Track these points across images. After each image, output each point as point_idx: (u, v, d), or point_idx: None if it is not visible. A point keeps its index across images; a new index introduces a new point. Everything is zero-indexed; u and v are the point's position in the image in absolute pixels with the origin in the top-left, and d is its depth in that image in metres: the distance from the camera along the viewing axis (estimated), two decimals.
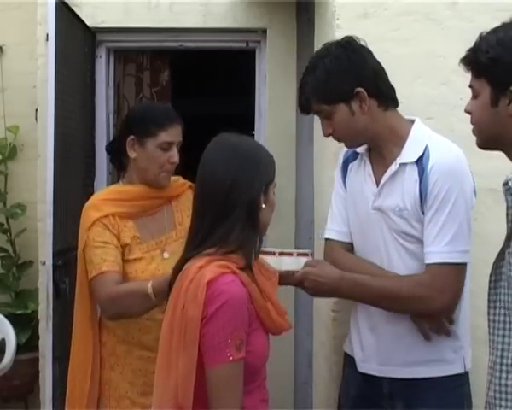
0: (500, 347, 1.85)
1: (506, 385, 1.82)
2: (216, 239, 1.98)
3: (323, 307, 3.06)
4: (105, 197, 2.70)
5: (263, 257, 2.31)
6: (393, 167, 2.41)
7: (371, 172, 2.50)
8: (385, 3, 2.98)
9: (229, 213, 1.98)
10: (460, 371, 2.46)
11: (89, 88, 4.21)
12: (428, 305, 2.35)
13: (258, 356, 2.00)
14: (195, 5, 4.12)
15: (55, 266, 3.52)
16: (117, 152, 2.75)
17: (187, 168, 2.91)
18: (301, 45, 4.06)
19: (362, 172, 2.54)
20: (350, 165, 2.60)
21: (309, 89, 2.42)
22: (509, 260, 1.81)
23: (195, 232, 2.04)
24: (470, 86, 1.97)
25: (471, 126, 2.16)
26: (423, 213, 2.35)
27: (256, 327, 1.98)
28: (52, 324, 3.49)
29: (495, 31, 1.90)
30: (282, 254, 2.41)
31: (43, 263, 3.64)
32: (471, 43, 2.88)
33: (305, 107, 2.48)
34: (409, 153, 2.39)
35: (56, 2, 3.54)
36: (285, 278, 2.35)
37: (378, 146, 2.47)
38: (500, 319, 1.87)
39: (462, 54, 2.65)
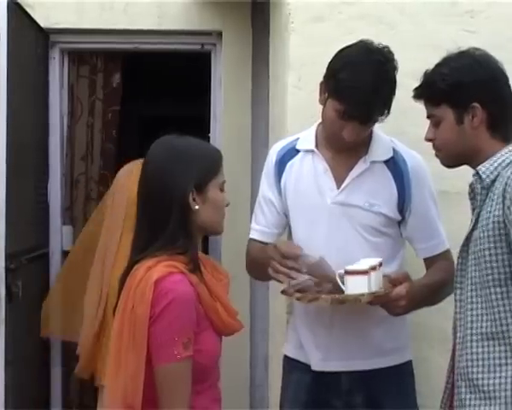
0: (469, 319, 2.03)
1: (477, 353, 2.00)
2: (161, 243, 2.00)
3: (278, 308, 3.08)
4: None
5: (351, 278, 2.28)
6: (363, 165, 2.52)
7: (327, 167, 2.54)
8: (339, 7, 3.01)
9: (167, 215, 2.00)
10: (411, 357, 2.62)
11: (42, 89, 4.16)
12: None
13: (208, 356, 2.01)
14: (150, 7, 4.09)
15: (7, 270, 3.46)
16: None
17: None
18: (257, 48, 4.07)
19: (311, 167, 2.58)
20: (289, 163, 2.62)
21: None
22: (478, 236, 2.01)
23: (140, 236, 2.07)
24: (429, 116, 2.18)
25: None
26: (400, 211, 2.52)
27: (205, 327, 2.00)
28: (4, 328, 3.44)
29: (442, 63, 2.16)
30: (371, 269, 2.32)
31: None
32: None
33: None
34: (377, 152, 2.54)
35: (8, 2, 3.48)
36: (377, 299, 2.33)
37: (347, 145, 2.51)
38: (468, 294, 2.05)
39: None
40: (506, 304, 1.96)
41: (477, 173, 2.07)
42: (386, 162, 2.53)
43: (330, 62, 2.46)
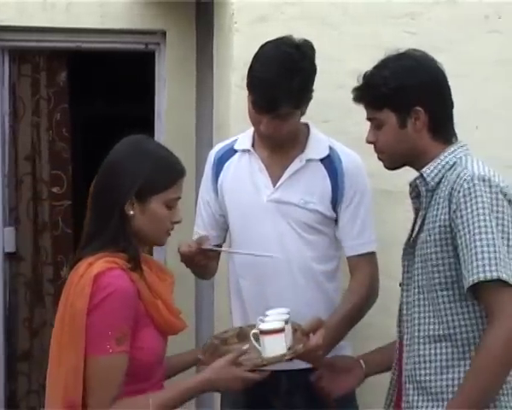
0: (416, 321, 2.05)
1: (425, 355, 2.02)
2: (102, 241, 2.00)
3: (223, 309, 3.07)
4: None
5: (268, 339, 2.17)
6: (299, 163, 2.54)
7: (263, 166, 2.57)
8: (282, 7, 3.02)
9: (110, 213, 2.00)
10: (351, 353, 2.64)
11: None
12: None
13: (150, 353, 2.01)
14: (92, 6, 4.04)
15: None
16: None
17: (89, 172, 2.85)
18: (201, 48, 4.07)
19: (247, 166, 2.60)
20: (226, 163, 2.65)
21: None
22: (425, 239, 2.02)
23: (86, 232, 2.07)
24: (370, 119, 2.17)
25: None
26: (334, 208, 2.53)
27: (145, 324, 2.00)
28: None
29: (382, 66, 2.14)
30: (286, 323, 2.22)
31: None
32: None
33: None
34: (313, 151, 2.55)
35: None
36: (298, 355, 2.25)
37: (282, 144, 2.54)
38: (414, 297, 2.07)
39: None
40: (453, 307, 1.98)
41: (421, 176, 2.08)
42: (322, 160, 2.55)
43: None
